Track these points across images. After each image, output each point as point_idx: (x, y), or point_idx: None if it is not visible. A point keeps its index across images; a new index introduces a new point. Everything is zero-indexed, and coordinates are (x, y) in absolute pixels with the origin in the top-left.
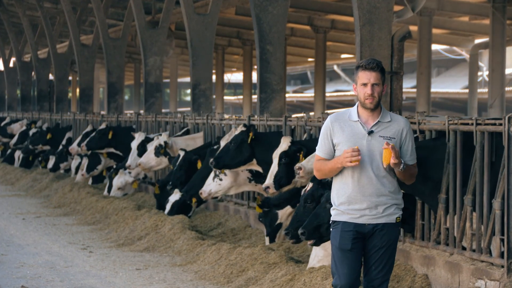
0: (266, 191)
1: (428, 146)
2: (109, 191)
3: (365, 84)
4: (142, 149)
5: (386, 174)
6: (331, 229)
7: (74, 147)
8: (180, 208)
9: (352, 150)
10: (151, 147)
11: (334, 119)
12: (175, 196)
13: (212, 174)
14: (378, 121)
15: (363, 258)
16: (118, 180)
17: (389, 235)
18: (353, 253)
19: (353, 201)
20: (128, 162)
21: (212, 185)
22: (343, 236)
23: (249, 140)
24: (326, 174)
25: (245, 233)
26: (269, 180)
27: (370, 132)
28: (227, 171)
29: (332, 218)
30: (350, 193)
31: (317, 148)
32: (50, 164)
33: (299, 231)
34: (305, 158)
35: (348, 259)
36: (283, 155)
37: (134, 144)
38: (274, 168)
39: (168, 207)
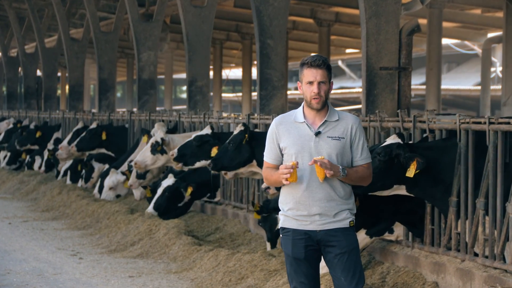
0: (266, 192)
1: (438, 147)
2: (100, 191)
3: (311, 83)
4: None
5: (336, 178)
6: (280, 235)
7: (64, 145)
8: (172, 195)
9: (285, 167)
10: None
11: (279, 122)
12: (169, 180)
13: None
14: (325, 120)
15: (330, 272)
16: (110, 180)
17: (347, 240)
18: (308, 262)
19: (301, 207)
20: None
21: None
22: (295, 244)
23: (244, 141)
24: (273, 184)
25: (244, 238)
26: None
27: (317, 133)
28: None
29: (280, 224)
30: (299, 198)
31: (264, 154)
32: (37, 165)
33: None
34: None
35: (304, 268)
36: None
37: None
38: None
39: (159, 191)
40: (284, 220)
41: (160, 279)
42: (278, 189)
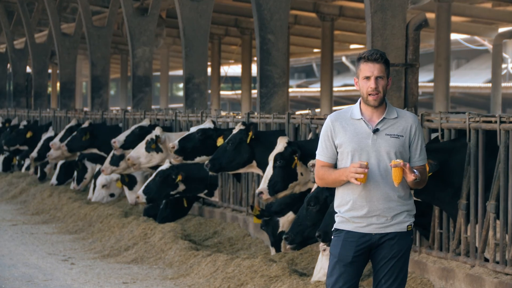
0: (259, 197)
1: (446, 148)
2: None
3: (368, 78)
4: None
5: None
6: (332, 237)
7: (56, 142)
8: (164, 180)
9: (360, 165)
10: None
11: (334, 118)
12: (164, 166)
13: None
14: (384, 117)
15: (372, 271)
16: (103, 177)
17: (400, 245)
18: (353, 267)
19: (358, 207)
20: None
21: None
22: (344, 247)
23: (248, 140)
24: (330, 184)
25: (244, 243)
26: (263, 184)
27: (376, 131)
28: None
29: (335, 226)
30: (356, 198)
31: (317, 152)
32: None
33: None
34: (301, 161)
35: (346, 273)
36: (278, 157)
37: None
38: (268, 171)
39: (153, 175)
40: (339, 222)
41: (155, 285)
42: (274, 193)
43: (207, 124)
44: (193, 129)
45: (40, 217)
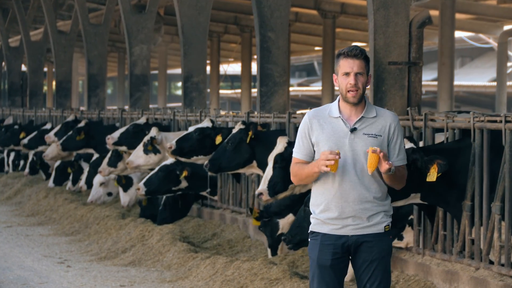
0: (259, 198)
1: (451, 149)
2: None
3: (347, 74)
4: None
5: (371, 177)
6: (309, 240)
7: (50, 135)
8: (167, 174)
9: (330, 153)
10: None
11: (312, 115)
12: (168, 161)
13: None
14: (362, 116)
15: (355, 277)
16: (101, 176)
17: (379, 247)
18: (334, 270)
19: (333, 208)
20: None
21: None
22: (322, 250)
23: (248, 139)
24: (303, 180)
25: (244, 245)
26: (263, 185)
27: (353, 130)
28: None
29: (311, 228)
30: (331, 199)
31: (294, 149)
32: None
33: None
34: None
35: (328, 276)
36: (278, 157)
37: None
38: (268, 172)
39: (157, 169)
40: (314, 224)
41: None
42: (274, 194)
43: (206, 123)
44: (191, 129)
45: (35, 218)
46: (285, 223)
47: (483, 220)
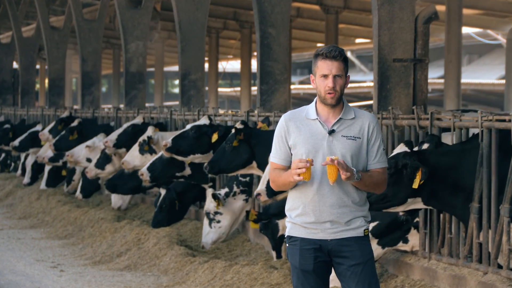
0: (257, 199)
1: (456, 151)
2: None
3: (325, 76)
4: None
5: (349, 182)
6: (287, 245)
7: (45, 132)
8: (172, 160)
9: (300, 161)
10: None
11: (289, 118)
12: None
13: (206, 221)
14: (340, 118)
15: (341, 286)
16: (89, 141)
17: (362, 250)
18: (317, 275)
19: (311, 213)
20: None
21: (212, 233)
22: (303, 255)
23: (235, 143)
24: (280, 187)
25: (243, 249)
26: (261, 186)
27: (331, 132)
28: (221, 208)
29: (287, 233)
30: (308, 203)
31: (271, 154)
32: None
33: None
34: None
35: (312, 281)
36: None
37: None
38: (267, 172)
39: (160, 153)
40: (291, 228)
41: None
42: (273, 194)
43: (203, 121)
44: (188, 127)
45: (27, 221)
46: (284, 224)
47: (491, 223)
